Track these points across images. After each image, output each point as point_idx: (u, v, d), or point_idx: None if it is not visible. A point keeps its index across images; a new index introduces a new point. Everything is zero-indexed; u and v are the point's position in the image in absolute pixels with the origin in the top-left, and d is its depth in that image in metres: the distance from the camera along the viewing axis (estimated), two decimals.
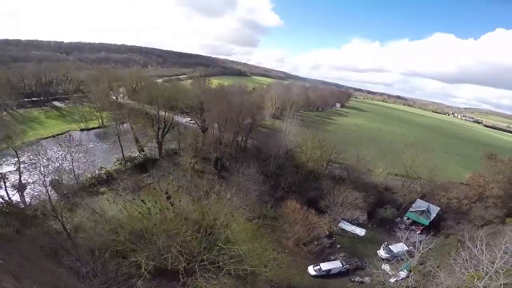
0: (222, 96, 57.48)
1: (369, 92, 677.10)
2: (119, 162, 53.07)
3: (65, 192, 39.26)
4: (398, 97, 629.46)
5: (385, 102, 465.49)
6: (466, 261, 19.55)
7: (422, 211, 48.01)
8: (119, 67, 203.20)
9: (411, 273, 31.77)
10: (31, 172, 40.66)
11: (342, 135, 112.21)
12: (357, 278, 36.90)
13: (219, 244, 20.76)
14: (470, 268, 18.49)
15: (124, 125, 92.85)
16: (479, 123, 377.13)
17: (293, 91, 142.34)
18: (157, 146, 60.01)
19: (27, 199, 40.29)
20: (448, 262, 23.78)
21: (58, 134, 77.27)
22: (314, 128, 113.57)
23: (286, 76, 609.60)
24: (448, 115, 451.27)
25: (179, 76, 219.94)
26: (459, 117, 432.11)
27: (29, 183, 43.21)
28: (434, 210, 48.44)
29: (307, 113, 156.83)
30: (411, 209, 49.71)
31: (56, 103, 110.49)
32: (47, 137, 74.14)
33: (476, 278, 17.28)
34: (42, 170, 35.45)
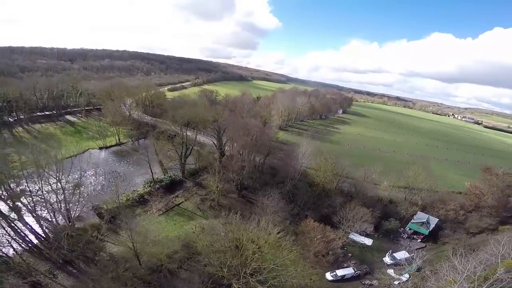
0: (239, 123, 64.60)
1: (368, 93, 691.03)
2: (148, 184, 58.09)
3: (110, 216, 44.97)
4: (398, 98, 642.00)
5: (386, 104, 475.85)
6: (447, 270, 26.80)
7: (423, 222, 55.35)
8: (123, 75, 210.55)
9: (410, 278, 39.16)
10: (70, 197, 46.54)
11: (347, 147, 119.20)
12: (367, 282, 43.77)
13: (273, 266, 27.61)
14: (450, 275, 25.62)
15: (140, 141, 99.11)
16: (479, 124, 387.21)
17: (298, 101, 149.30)
18: (179, 166, 65.11)
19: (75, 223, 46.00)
20: (440, 268, 31.06)
21: (79, 153, 79.07)
22: (320, 140, 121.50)
23: (287, 79, 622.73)
24: (448, 116, 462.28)
25: (183, 84, 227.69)
26: (459, 118, 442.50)
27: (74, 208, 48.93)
28: (433, 221, 55.77)
29: (311, 122, 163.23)
30: (412, 221, 57.01)
31: (69, 117, 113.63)
32: (70, 157, 78.85)
33: (452, 283, 24.44)
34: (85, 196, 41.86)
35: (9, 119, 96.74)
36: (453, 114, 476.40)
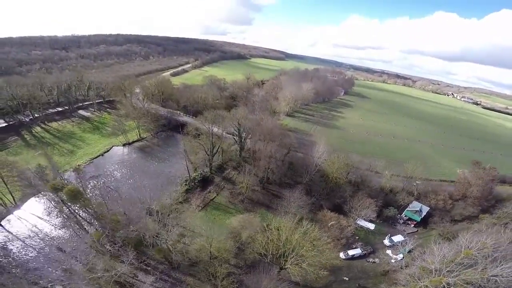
0: (263, 129, 73.80)
1: (368, 70, 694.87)
2: (185, 182, 67.01)
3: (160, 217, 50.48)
4: (398, 76, 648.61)
5: (386, 83, 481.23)
6: (428, 254, 38.74)
7: (416, 210, 68.01)
8: (122, 61, 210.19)
9: (403, 258, 52.11)
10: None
11: (351, 132, 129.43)
12: (371, 260, 56.67)
13: (314, 253, 39.40)
14: (430, 258, 37.58)
15: (158, 133, 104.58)
16: (477, 104, 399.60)
17: (303, 87, 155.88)
18: (205, 163, 73.48)
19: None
20: (424, 251, 43.45)
21: (105, 152, 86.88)
22: (326, 126, 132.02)
23: (285, 55, 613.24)
24: (448, 95, 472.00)
25: (184, 67, 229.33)
26: (458, 97, 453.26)
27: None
28: (425, 209, 68.43)
29: (315, 106, 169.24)
30: (408, 208, 69.67)
31: (82, 112, 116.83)
32: (97, 156, 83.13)
33: (431, 263, 36.47)
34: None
35: (25, 119, 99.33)
36: (452, 94, 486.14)
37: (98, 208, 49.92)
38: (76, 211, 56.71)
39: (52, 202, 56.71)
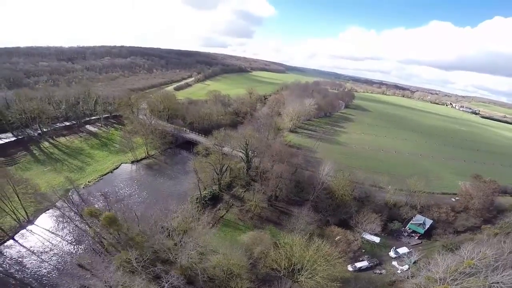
0: (272, 150, 78.50)
1: (366, 81, 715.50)
2: (195, 201, 69.70)
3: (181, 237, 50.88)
4: (396, 86, 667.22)
5: (385, 94, 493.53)
6: (433, 264, 42.14)
7: (420, 223, 71.40)
8: (127, 74, 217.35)
9: (409, 268, 55.04)
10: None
11: (354, 148, 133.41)
12: (378, 271, 59.59)
13: (327, 267, 42.74)
14: (434, 268, 41.08)
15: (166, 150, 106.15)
16: (476, 114, 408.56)
17: (306, 102, 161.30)
18: (213, 182, 76.32)
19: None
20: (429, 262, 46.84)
21: (114, 169, 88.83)
22: (329, 142, 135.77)
23: (285, 68, 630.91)
24: (446, 105, 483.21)
25: (187, 81, 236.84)
26: (457, 107, 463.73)
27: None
28: (428, 222, 71.86)
29: (317, 121, 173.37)
30: (412, 222, 73.03)
31: (89, 127, 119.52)
32: (106, 173, 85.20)
33: (435, 273, 39.89)
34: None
35: (34, 133, 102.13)
36: (451, 103, 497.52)
37: (128, 231, 51.93)
38: (92, 225, 57.68)
39: (66, 217, 59.15)
